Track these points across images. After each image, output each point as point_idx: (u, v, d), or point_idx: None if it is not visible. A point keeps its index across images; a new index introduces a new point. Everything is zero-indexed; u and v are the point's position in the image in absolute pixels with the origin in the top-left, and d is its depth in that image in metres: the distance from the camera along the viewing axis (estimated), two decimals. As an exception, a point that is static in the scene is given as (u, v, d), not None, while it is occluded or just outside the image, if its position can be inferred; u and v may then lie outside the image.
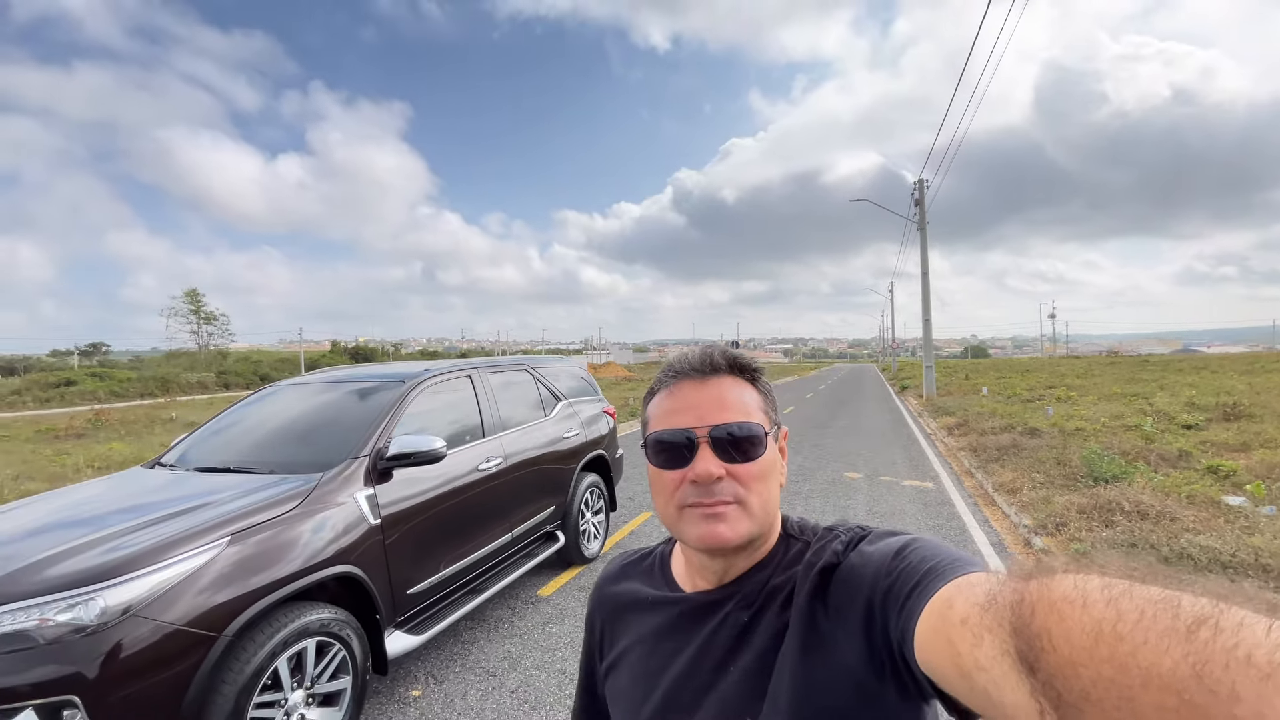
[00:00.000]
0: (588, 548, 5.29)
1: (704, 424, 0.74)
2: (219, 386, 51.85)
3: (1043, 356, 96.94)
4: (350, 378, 4.19)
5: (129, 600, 2.22)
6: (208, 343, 70.41)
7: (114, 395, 42.63)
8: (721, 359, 0.79)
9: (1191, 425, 11.04)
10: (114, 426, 20.75)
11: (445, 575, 3.62)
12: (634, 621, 0.85)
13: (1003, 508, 6.75)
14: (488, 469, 4.08)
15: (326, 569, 2.83)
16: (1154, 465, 7.55)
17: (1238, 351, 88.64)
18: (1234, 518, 5.32)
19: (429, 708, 3.29)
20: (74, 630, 2.14)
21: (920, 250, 21.52)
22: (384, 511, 3.21)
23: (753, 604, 0.74)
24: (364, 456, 3.27)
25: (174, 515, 2.64)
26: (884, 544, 0.66)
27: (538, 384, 5.20)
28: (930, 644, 0.50)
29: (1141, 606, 0.33)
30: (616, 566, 0.96)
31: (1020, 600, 0.40)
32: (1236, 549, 4.28)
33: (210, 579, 2.42)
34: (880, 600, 0.60)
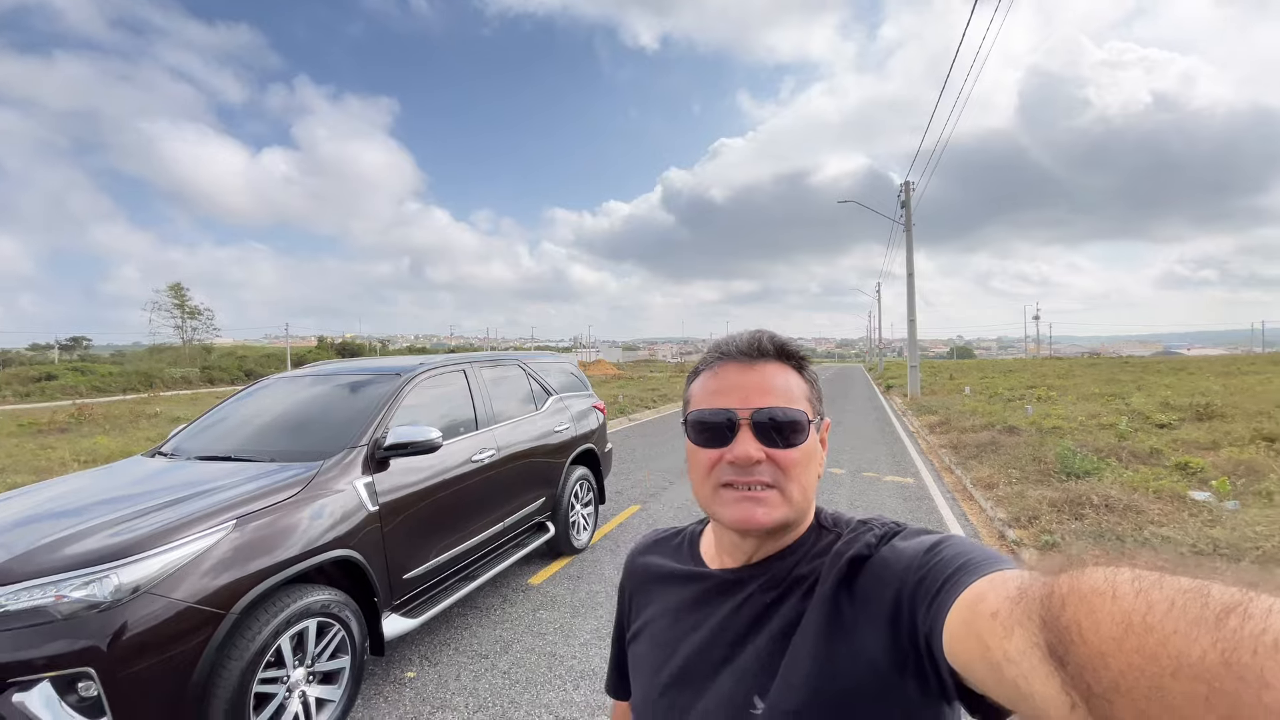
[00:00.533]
0: (577, 539, 5.43)
1: (747, 406, 0.74)
2: (203, 382, 51.38)
3: (1026, 357, 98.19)
4: (347, 371, 4.30)
5: (141, 578, 2.33)
6: (191, 338, 69.67)
7: (95, 390, 42.15)
8: (770, 344, 0.79)
9: (1165, 424, 11.36)
10: (97, 421, 20.56)
11: (440, 561, 3.74)
12: (659, 593, 0.88)
13: (980, 502, 6.97)
14: (481, 460, 4.20)
15: (327, 553, 2.95)
16: (1125, 462, 7.81)
17: (1217, 354, 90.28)
18: (1198, 511, 5.55)
19: (423, 688, 3.42)
20: (88, 606, 2.25)
21: (906, 252, 21.82)
22: (382, 499, 3.33)
23: (777, 587, 0.75)
24: (362, 446, 3.39)
25: (181, 500, 2.75)
26: (917, 540, 0.66)
27: (529, 379, 5.33)
28: (960, 638, 0.50)
29: (1171, 597, 0.34)
30: (648, 540, 0.98)
31: (1050, 593, 0.40)
32: (1196, 540, 4.49)
33: (217, 560, 2.53)
34: (910, 593, 0.60)
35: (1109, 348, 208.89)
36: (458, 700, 3.29)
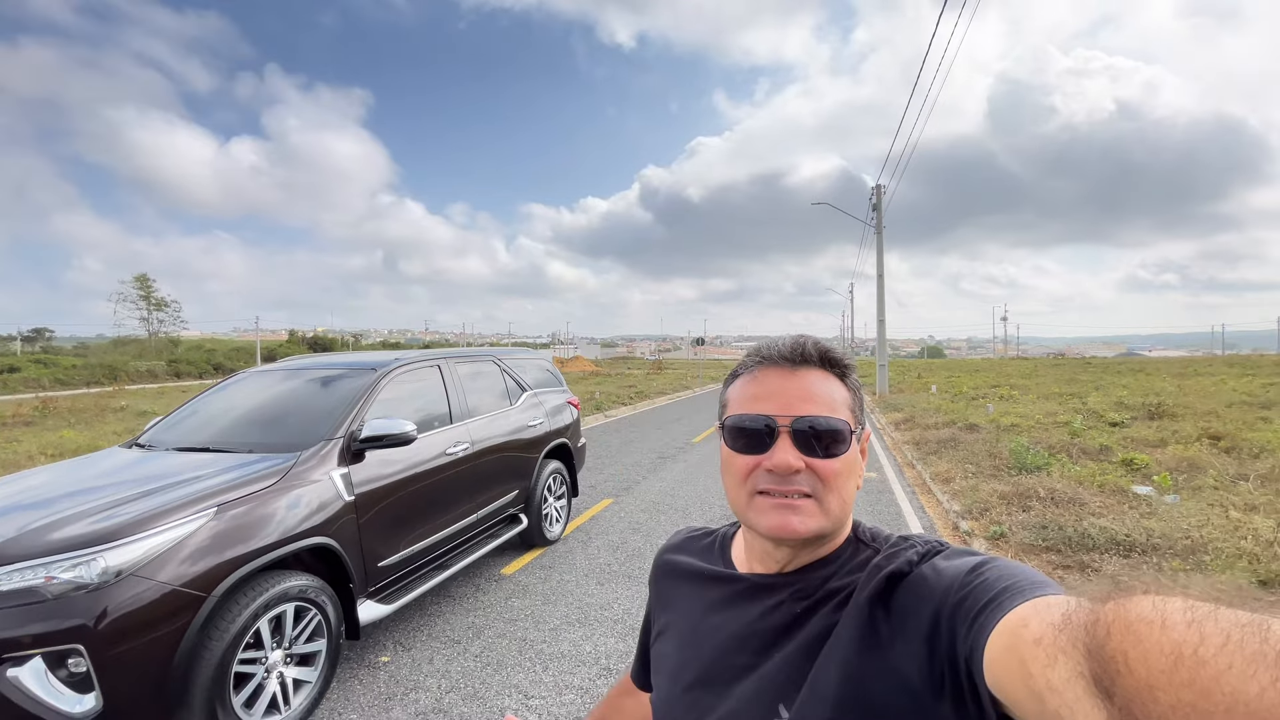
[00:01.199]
0: (550, 530, 5.59)
1: (787, 414, 0.72)
2: (170, 375, 50.30)
3: (994, 358, 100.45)
4: (322, 365, 4.40)
5: (127, 562, 2.45)
6: (158, 330, 68.14)
7: (59, 383, 41.07)
8: (814, 350, 0.77)
9: (1117, 423, 11.86)
10: (62, 415, 20.13)
11: (414, 550, 3.88)
12: (688, 592, 0.86)
13: (937, 495, 7.28)
14: (455, 453, 4.34)
15: (304, 540, 3.07)
16: (1075, 458, 8.20)
17: (1177, 356, 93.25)
18: (1138, 504, 5.90)
19: (397, 671, 3.56)
20: (77, 587, 2.36)
21: (876, 253, 22.29)
22: (357, 489, 3.46)
23: (809, 597, 0.73)
24: (339, 438, 3.52)
25: (163, 488, 2.86)
26: (960, 560, 0.64)
27: (504, 374, 5.47)
28: (1001, 663, 0.48)
29: (1227, 630, 0.32)
30: (680, 539, 0.97)
31: (1096, 621, 0.39)
32: (1131, 530, 4.81)
33: (199, 545, 2.65)
34: (949, 613, 0.58)
35: (1074, 349, 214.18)
36: (430, 682, 3.44)
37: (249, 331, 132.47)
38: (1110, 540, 4.73)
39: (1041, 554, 4.89)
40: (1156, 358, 78.54)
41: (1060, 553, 4.80)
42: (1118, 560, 4.39)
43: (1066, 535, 4.94)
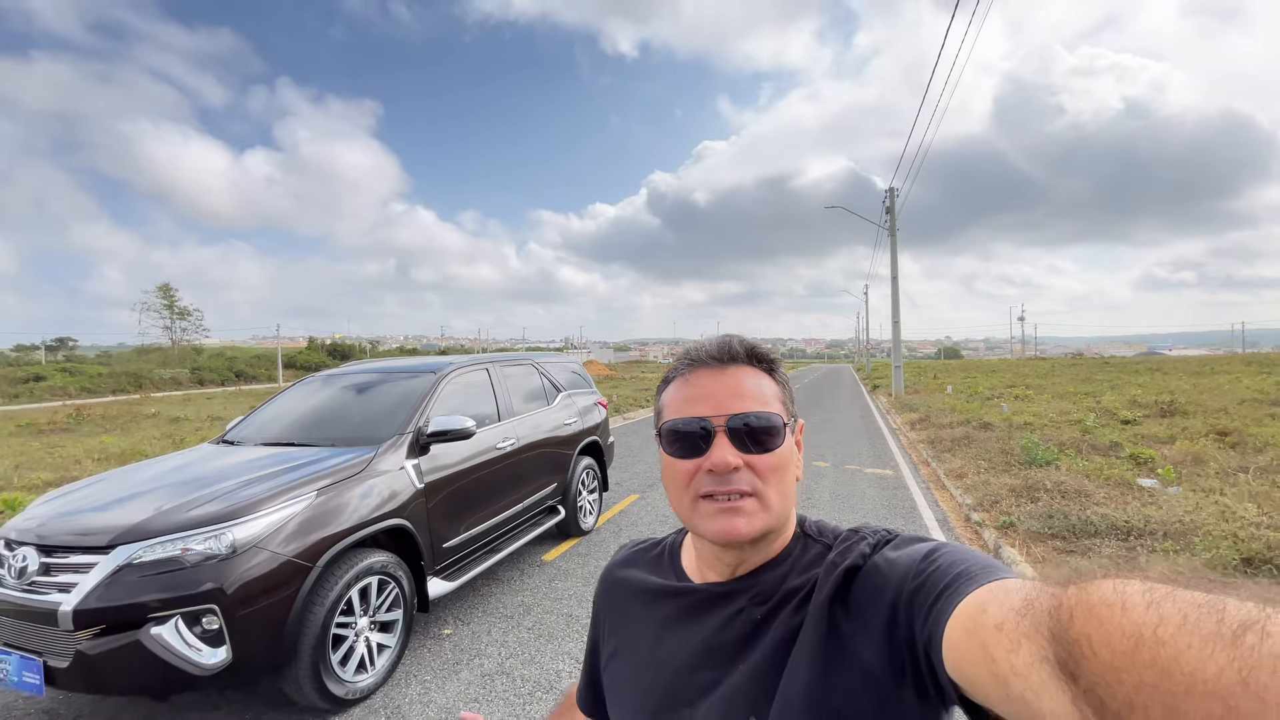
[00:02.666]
0: (584, 521, 5.99)
1: (721, 413, 0.72)
2: (193, 383, 51.35)
3: (1012, 358, 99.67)
4: (384, 369, 4.84)
5: (250, 535, 2.88)
6: (181, 338, 69.44)
7: (85, 391, 42.14)
8: (740, 347, 0.77)
9: (1129, 420, 12.07)
10: (96, 421, 20.86)
11: (472, 534, 4.30)
12: (640, 612, 0.84)
13: (950, 490, 7.60)
14: (504, 448, 4.76)
15: (386, 521, 3.50)
16: (1085, 454, 8.48)
17: (1197, 355, 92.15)
18: (1142, 496, 6.19)
19: (460, 641, 3.97)
20: (209, 557, 2.79)
21: (890, 255, 22.54)
22: (426, 478, 3.89)
23: (767, 601, 0.72)
24: (409, 433, 3.94)
25: (268, 475, 3.29)
26: (912, 548, 0.64)
27: (541, 377, 5.89)
28: (961, 648, 0.48)
29: (1184, 610, 0.33)
30: (624, 554, 0.94)
31: (1058, 605, 0.39)
32: (1131, 518, 5.13)
33: (305, 522, 3.08)
34: (906, 601, 0.58)
35: (1093, 348, 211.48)
36: (491, 650, 3.85)
37: (268, 339, 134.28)
38: (1110, 526, 5.05)
39: (1047, 540, 5.21)
40: (1176, 357, 77.68)
41: (1064, 539, 5.12)
42: (1116, 543, 4.71)
43: (1070, 523, 5.26)
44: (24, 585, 2.81)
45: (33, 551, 2.84)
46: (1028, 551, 5.08)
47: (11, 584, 2.83)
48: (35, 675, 2.69)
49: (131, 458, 11.99)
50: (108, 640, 2.64)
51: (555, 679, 3.50)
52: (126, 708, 3.29)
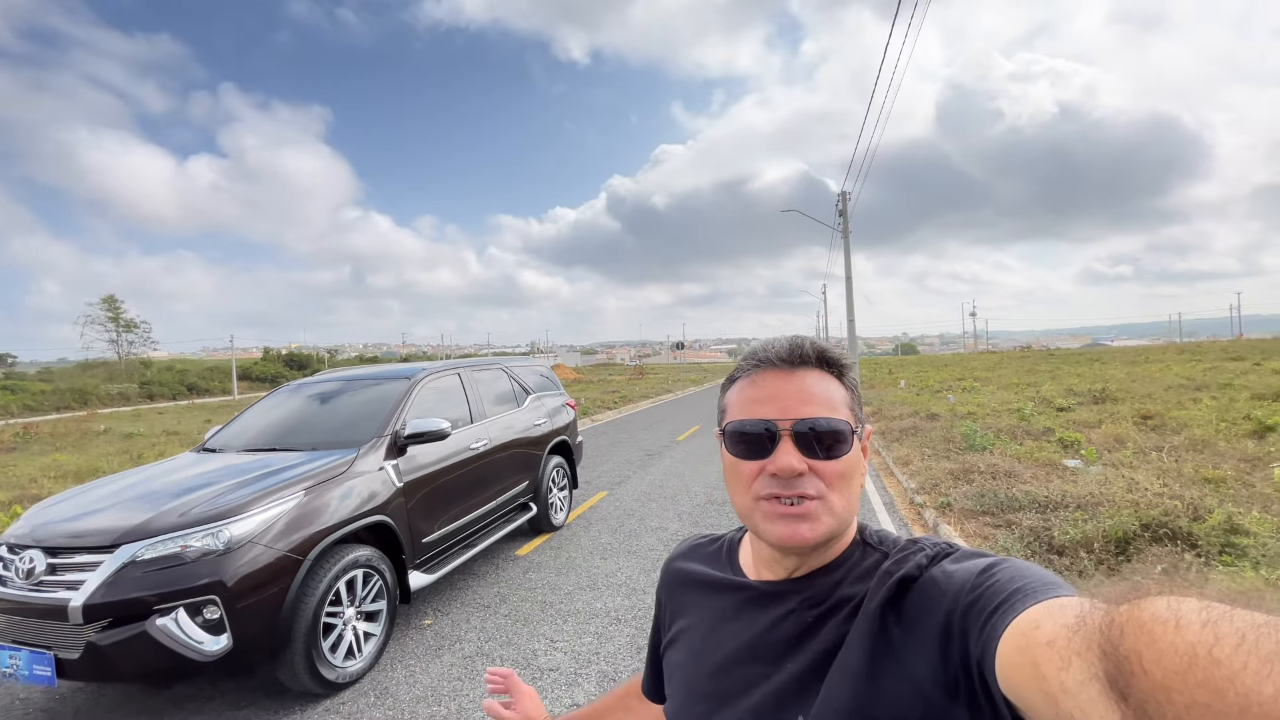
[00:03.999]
0: (555, 517, 6.30)
1: (787, 416, 0.71)
2: (142, 398, 49.62)
3: (965, 352, 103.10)
4: (359, 376, 5.08)
5: (245, 532, 3.12)
6: (128, 352, 66.94)
7: (27, 409, 40.41)
8: (810, 350, 0.76)
9: (1064, 408, 12.90)
10: (45, 440, 20.22)
11: (449, 530, 4.57)
12: (697, 600, 0.86)
13: (897, 476, 8.14)
14: (477, 449, 5.04)
15: (369, 517, 3.76)
16: (1019, 439, 9.13)
17: (1137, 345, 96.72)
18: (1066, 475, 6.79)
19: (440, 629, 4.24)
20: (208, 553, 3.03)
21: (844, 256, 23.35)
22: (405, 478, 4.15)
23: (820, 604, 0.72)
24: (387, 435, 4.20)
25: (256, 478, 3.53)
26: (971, 562, 0.63)
27: (511, 380, 6.18)
28: (1014, 665, 0.47)
29: (1242, 630, 0.32)
30: (686, 546, 0.96)
31: (1110, 622, 0.38)
32: (1050, 493, 5.68)
33: (295, 520, 3.33)
34: (961, 615, 0.57)
35: (1041, 341, 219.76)
36: (470, 636, 4.13)
37: (220, 350, 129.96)
38: (1032, 501, 5.59)
39: (979, 517, 5.73)
40: (1118, 348, 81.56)
41: (993, 515, 5.64)
42: (1035, 516, 5.23)
43: (999, 500, 5.79)
44: (31, 585, 3.00)
45: (39, 554, 3.03)
46: (961, 528, 5.57)
47: (19, 585, 3.02)
48: (47, 668, 2.89)
49: (88, 475, 11.79)
50: (117, 632, 2.86)
51: (532, 657, 3.81)
52: (124, 702, 3.48)
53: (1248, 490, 5.65)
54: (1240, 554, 4.03)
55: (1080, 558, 4.35)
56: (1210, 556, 4.10)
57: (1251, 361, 24.90)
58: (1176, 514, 4.59)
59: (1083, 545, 4.46)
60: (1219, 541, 4.21)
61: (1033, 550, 4.66)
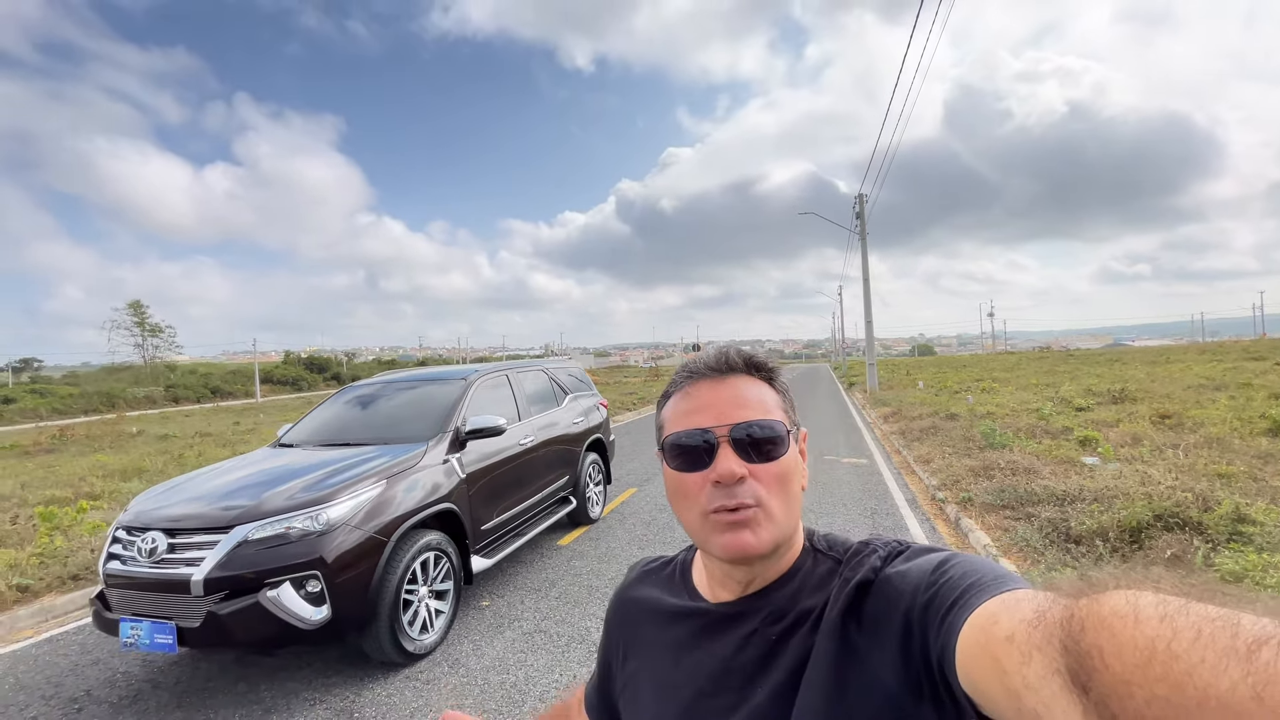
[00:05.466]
0: (592, 511, 6.67)
1: (723, 423, 0.72)
2: (168, 401, 50.68)
3: (983, 353, 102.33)
4: (416, 378, 5.48)
5: (339, 515, 3.51)
6: (153, 356, 68.34)
7: (56, 412, 41.47)
8: (737, 357, 0.77)
9: (1083, 407, 13.05)
10: (81, 442, 20.90)
11: (504, 518, 4.95)
12: (653, 634, 0.83)
13: (919, 474, 8.41)
14: (525, 444, 5.42)
15: (439, 505, 4.14)
16: (1038, 438, 9.36)
17: (1159, 345, 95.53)
18: (1084, 471, 7.03)
19: (498, 610, 4.61)
20: (309, 533, 3.42)
21: (861, 258, 23.55)
22: (466, 470, 4.53)
23: (782, 619, 0.71)
24: (450, 431, 4.58)
25: (342, 469, 3.91)
26: (923, 559, 0.64)
27: (551, 381, 6.55)
28: (974, 661, 0.48)
29: (1198, 624, 0.33)
30: (636, 574, 0.94)
31: (1070, 616, 0.39)
32: (1068, 488, 5.94)
33: (379, 505, 3.71)
34: (919, 614, 0.57)
35: (1061, 341, 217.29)
36: (526, 615, 4.49)
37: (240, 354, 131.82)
38: (1050, 495, 5.85)
39: (999, 511, 6.00)
40: (1139, 348, 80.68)
41: (1013, 509, 5.91)
42: (1054, 509, 5.51)
43: (1018, 495, 6.06)
44: (153, 563, 3.40)
45: (160, 535, 3.44)
46: (982, 520, 5.86)
47: (141, 563, 3.42)
48: (168, 636, 3.28)
49: (134, 474, 12.35)
50: (233, 602, 3.25)
51: (586, 633, 4.16)
52: (219, 674, 3.88)
53: (1257, 484, 5.88)
54: (1246, 541, 4.29)
55: (1096, 546, 4.63)
56: (1218, 544, 4.37)
57: (1273, 361, 24.75)
58: (1187, 505, 4.85)
59: (1098, 535, 4.74)
60: (1227, 530, 4.47)
61: (1050, 539, 4.94)
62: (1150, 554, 4.33)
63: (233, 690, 3.65)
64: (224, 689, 3.67)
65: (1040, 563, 4.59)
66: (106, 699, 3.69)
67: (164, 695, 3.67)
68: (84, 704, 3.64)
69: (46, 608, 5.18)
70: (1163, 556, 4.19)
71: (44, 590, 5.40)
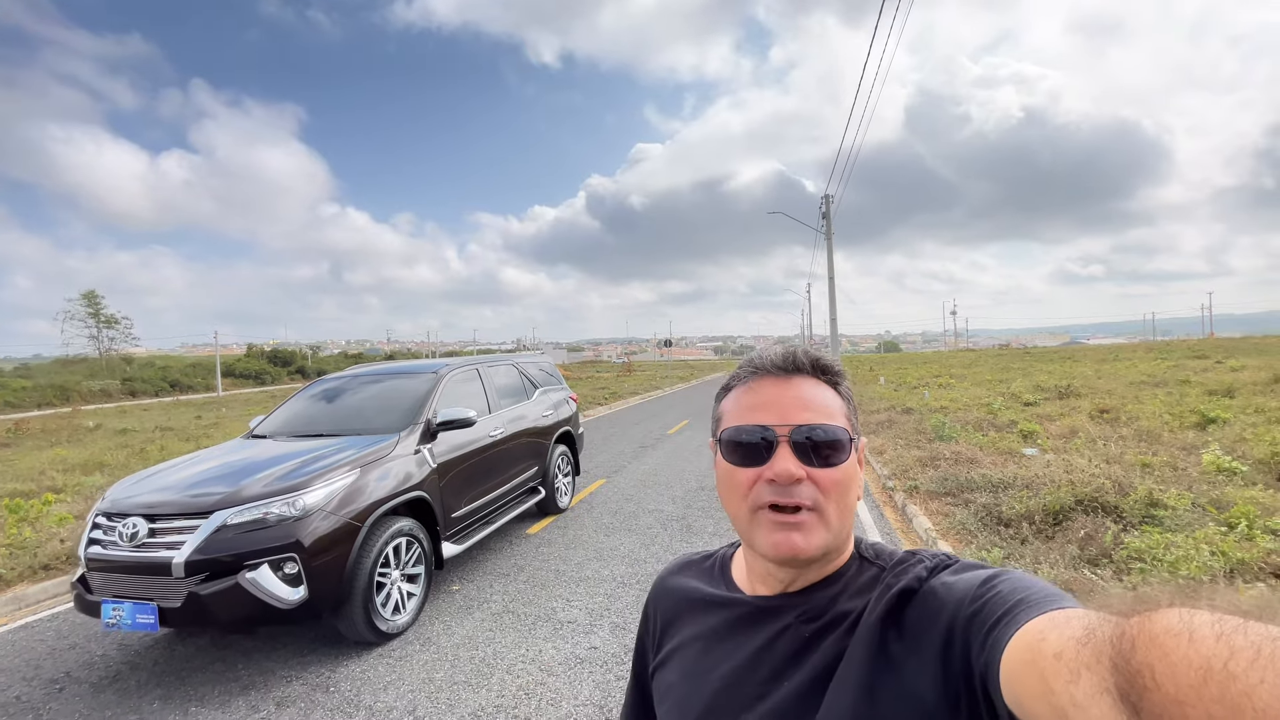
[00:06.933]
0: (561, 501, 6.92)
1: (785, 423, 0.71)
2: (124, 394, 49.25)
3: (945, 350, 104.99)
4: (388, 371, 5.66)
5: (315, 501, 3.70)
6: (109, 348, 66.26)
7: (8, 405, 40.05)
8: (805, 358, 0.76)
9: (1030, 402, 13.71)
10: (37, 436, 20.38)
11: (473, 507, 5.17)
12: (690, 618, 0.83)
13: (872, 464, 8.84)
14: (495, 436, 5.63)
15: (410, 492, 4.34)
16: (985, 430, 9.88)
17: (1113, 343, 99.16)
18: (1020, 461, 7.51)
19: (468, 593, 4.83)
20: (286, 518, 3.60)
21: (827, 257, 24.13)
22: (437, 460, 4.73)
23: (818, 619, 0.70)
24: (421, 422, 4.78)
25: (316, 458, 4.09)
26: (971, 574, 0.63)
27: (521, 375, 6.77)
28: (1019, 677, 0.47)
29: (1257, 643, 0.31)
30: (678, 563, 0.94)
31: (1121, 634, 0.38)
32: (1003, 476, 6.39)
33: (353, 492, 3.91)
34: (963, 627, 0.57)
35: (1021, 339, 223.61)
36: (495, 598, 4.73)
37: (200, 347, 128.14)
38: (986, 482, 6.30)
39: (941, 498, 6.42)
40: (1093, 346, 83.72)
41: (953, 495, 6.33)
42: (987, 495, 5.94)
43: (959, 482, 6.50)
44: (134, 547, 3.55)
45: (141, 520, 3.59)
46: (925, 507, 6.26)
47: (123, 547, 3.57)
48: (150, 616, 3.44)
49: (94, 468, 12.19)
50: (213, 584, 3.43)
51: (552, 613, 4.41)
52: (196, 655, 4.04)
53: (1176, 473, 6.39)
54: (1157, 523, 4.73)
55: (1022, 528, 5.04)
56: (1131, 525, 4.81)
57: (1214, 359, 26.07)
58: (1106, 491, 5.30)
59: (1025, 518, 5.16)
60: (1140, 513, 4.92)
61: (984, 523, 5.35)
62: (1068, 534, 4.74)
63: (210, 669, 3.82)
64: (201, 668, 3.84)
65: (973, 544, 4.98)
66: (86, 679, 3.82)
67: (143, 675, 3.82)
68: (64, 684, 3.78)
69: (19, 596, 5.24)
70: (1077, 536, 4.61)
71: (15, 580, 5.46)
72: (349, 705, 3.36)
